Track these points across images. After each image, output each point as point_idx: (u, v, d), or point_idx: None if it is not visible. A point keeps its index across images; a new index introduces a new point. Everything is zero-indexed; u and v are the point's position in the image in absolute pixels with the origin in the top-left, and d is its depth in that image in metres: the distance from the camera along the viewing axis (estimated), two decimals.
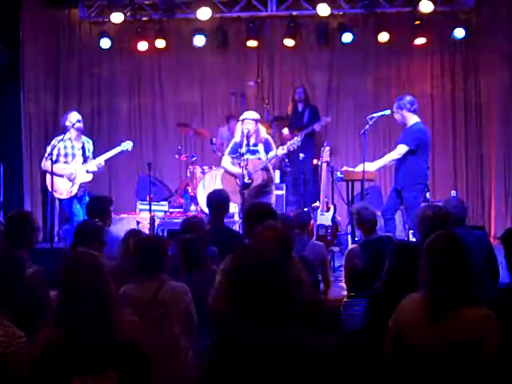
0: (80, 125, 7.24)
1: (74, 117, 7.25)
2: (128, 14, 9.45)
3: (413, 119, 6.74)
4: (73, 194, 7.17)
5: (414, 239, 6.46)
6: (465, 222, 4.95)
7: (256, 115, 7.26)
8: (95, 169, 7.24)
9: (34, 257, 4.13)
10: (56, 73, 9.92)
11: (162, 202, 9.16)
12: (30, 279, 3.30)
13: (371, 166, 6.90)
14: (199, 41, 9.41)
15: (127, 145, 7.39)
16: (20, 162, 9.28)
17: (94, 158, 7.33)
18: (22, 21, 9.17)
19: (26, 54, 9.27)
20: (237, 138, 7.22)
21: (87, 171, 7.20)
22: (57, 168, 7.06)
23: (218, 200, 5.38)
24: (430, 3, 8.75)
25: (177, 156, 9.28)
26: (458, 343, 2.64)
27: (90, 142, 7.44)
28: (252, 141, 7.13)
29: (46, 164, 7.16)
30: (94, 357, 2.56)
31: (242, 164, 6.89)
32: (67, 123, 7.23)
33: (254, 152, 7.09)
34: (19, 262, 3.07)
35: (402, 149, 6.66)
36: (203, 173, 8.84)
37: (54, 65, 9.90)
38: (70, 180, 7.15)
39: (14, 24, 9.15)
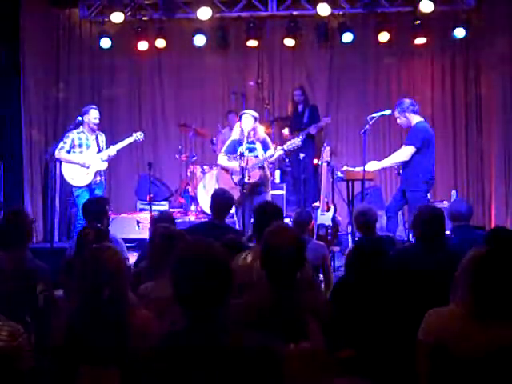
0: (97, 122, 7.45)
1: (93, 114, 7.42)
2: (128, 13, 9.45)
3: (415, 119, 6.75)
4: (88, 182, 7.34)
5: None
6: (469, 222, 5.00)
7: (254, 113, 7.25)
8: (106, 157, 7.43)
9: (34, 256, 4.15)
10: (56, 72, 9.91)
11: (163, 202, 9.18)
12: None
13: (374, 166, 6.88)
14: (199, 40, 9.40)
15: (139, 135, 7.59)
16: (20, 162, 9.26)
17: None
18: (21, 20, 9.13)
19: (26, 54, 9.24)
20: (235, 136, 7.20)
21: (101, 159, 7.39)
22: (71, 157, 7.32)
23: (221, 201, 5.36)
24: (431, 3, 8.74)
25: (177, 156, 9.29)
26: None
27: (103, 134, 7.65)
28: (250, 138, 7.12)
29: (61, 153, 7.36)
30: (101, 351, 2.66)
31: (242, 164, 6.87)
32: (86, 119, 7.40)
33: (251, 150, 7.08)
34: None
35: (408, 150, 6.63)
36: (203, 172, 8.84)
37: (54, 64, 9.90)
38: (84, 167, 7.31)
39: (14, 24, 9.13)
